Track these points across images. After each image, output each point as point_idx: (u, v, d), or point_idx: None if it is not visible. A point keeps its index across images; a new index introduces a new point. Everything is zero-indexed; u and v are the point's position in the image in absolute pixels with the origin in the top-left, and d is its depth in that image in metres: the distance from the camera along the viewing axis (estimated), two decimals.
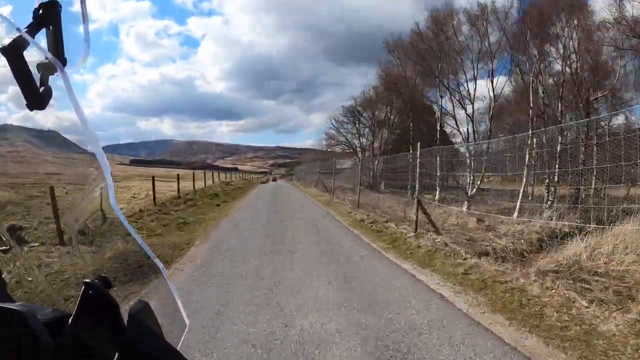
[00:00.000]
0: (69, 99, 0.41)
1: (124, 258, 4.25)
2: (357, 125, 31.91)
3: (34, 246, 4.64)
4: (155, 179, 12.43)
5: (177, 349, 0.45)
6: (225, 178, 33.50)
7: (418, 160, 7.88)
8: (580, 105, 14.16)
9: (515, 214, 10.71)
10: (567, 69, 14.49)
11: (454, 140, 21.97)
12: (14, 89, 0.43)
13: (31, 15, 0.44)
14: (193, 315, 3.15)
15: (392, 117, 28.63)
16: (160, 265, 0.49)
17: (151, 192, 11.74)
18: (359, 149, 31.62)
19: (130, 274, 3.71)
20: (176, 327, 0.51)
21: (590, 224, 6.08)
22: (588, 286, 3.82)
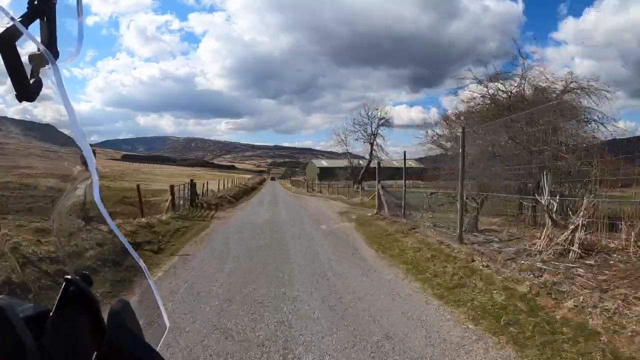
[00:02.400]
0: (59, 92, 0.41)
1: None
2: None
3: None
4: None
5: (157, 349, 0.44)
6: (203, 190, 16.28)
7: None
8: None
9: None
10: None
11: None
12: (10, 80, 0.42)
13: (26, 5, 0.44)
14: None
15: None
16: (142, 264, 0.48)
17: None
18: None
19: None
20: (156, 328, 0.50)
21: None
22: None
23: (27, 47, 0.43)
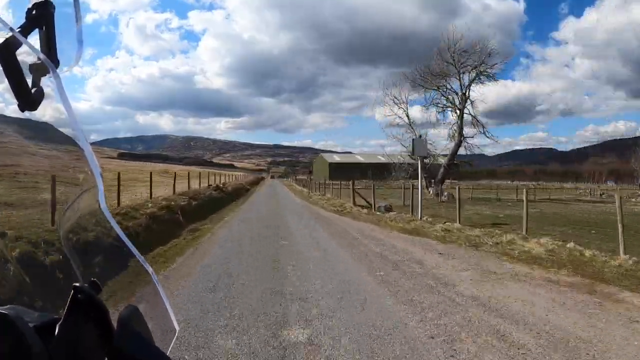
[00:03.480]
0: (61, 101, 0.41)
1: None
2: None
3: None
4: None
5: (167, 354, 0.45)
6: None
7: None
8: None
9: None
10: None
11: None
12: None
13: (24, 15, 0.44)
14: None
15: None
16: (150, 269, 0.49)
17: None
18: None
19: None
20: (166, 333, 0.50)
21: None
22: None
23: (27, 57, 0.43)
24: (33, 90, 0.44)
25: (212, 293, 4.12)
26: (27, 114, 0.43)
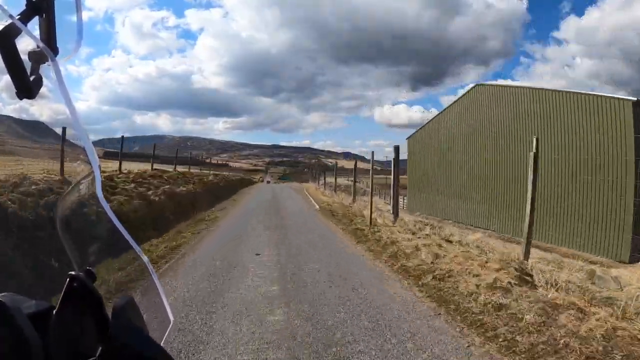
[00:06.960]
0: (59, 89, 0.41)
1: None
2: None
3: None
4: None
5: (161, 344, 0.45)
6: None
7: None
8: None
9: None
10: None
11: None
12: (8, 78, 0.43)
13: (24, 2, 0.44)
14: None
15: None
16: (146, 259, 0.49)
17: None
18: None
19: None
20: (160, 323, 0.50)
21: None
22: None
23: (26, 45, 0.43)
24: (31, 78, 0.44)
25: None
26: (27, 111, 0.43)
